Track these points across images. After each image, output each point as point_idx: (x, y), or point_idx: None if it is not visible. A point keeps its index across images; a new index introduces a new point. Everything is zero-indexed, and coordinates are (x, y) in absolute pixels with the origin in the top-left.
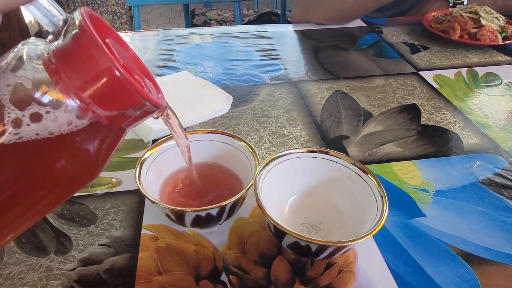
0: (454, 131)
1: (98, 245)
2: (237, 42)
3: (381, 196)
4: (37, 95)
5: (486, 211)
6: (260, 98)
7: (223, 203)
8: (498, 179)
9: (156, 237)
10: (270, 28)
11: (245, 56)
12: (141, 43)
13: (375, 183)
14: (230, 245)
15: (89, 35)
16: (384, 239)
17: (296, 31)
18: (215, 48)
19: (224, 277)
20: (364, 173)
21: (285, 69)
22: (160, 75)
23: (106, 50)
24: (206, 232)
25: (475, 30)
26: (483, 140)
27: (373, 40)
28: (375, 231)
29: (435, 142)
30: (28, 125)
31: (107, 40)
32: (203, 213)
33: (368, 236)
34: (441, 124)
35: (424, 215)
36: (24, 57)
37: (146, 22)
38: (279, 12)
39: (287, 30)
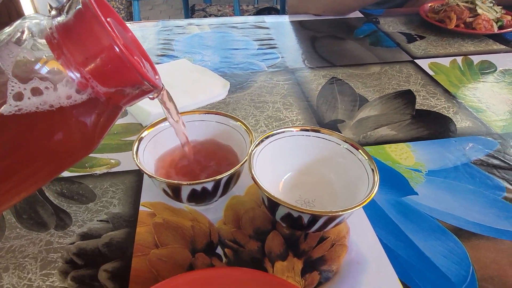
0: (448, 115)
1: (97, 221)
2: (235, 32)
3: (372, 169)
4: (39, 68)
5: (477, 190)
6: (257, 85)
7: (218, 177)
8: (489, 160)
9: (153, 214)
10: (268, 19)
11: (243, 45)
12: (140, 33)
13: (366, 158)
14: (225, 221)
15: (92, 12)
16: (376, 215)
17: (294, 21)
18: (214, 38)
19: (219, 250)
20: (356, 149)
21: (282, 57)
22: (159, 64)
23: (109, 28)
24: (203, 209)
25: (471, 19)
26: (476, 124)
27: (370, 30)
28: (366, 202)
29: (429, 126)
30: (29, 98)
31: (108, 19)
32: (198, 187)
33: (358, 207)
34: (435, 109)
35: (416, 193)
36: (26, 31)
37: (146, 20)
38: (279, 7)
39: (285, 21)
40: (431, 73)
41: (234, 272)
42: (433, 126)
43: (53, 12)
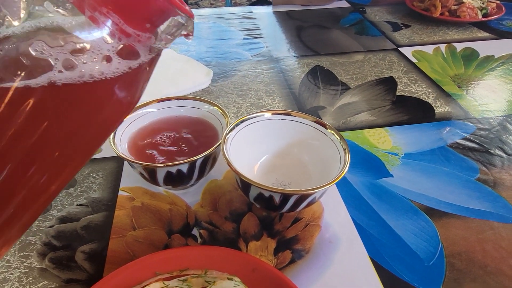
0: (428, 100)
1: (77, 205)
2: (222, 23)
3: (344, 149)
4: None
5: (452, 171)
6: (241, 74)
7: (194, 158)
8: (465, 143)
9: (132, 198)
10: (255, 10)
11: (229, 35)
12: None
13: (338, 138)
14: (203, 203)
15: None
16: (351, 197)
17: (281, 12)
18: (200, 29)
19: (195, 232)
20: (324, 127)
21: (267, 47)
22: None
23: None
24: (181, 192)
25: (456, 7)
26: (455, 109)
27: (356, 19)
28: (335, 181)
29: (408, 111)
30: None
31: None
32: (173, 169)
33: (328, 185)
34: (415, 95)
35: (391, 175)
36: None
37: None
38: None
39: (272, 11)
40: (414, 60)
41: (206, 250)
42: (413, 111)
43: None
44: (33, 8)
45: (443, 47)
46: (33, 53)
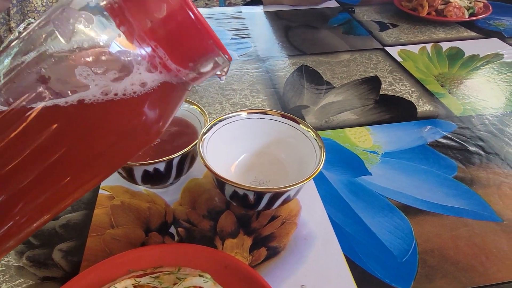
0: (410, 100)
1: None
2: (210, 23)
3: (320, 147)
4: (99, 41)
5: (430, 169)
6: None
7: (171, 157)
8: (445, 141)
9: (112, 196)
10: (244, 10)
11: (217, 35)
12: None
13: (314, 135)
14: (181, 202)
15: None
16: (328, 195)
17: (270, 12)
18: None
19: (173, 230)
20: (296, 123)
21: (254, 47)
22: None
23: None
24: (161, 191)
25: (442, 6)
26: (437, 108)
27: (345, 19)
28: (309, 179)
29: (391, 110)
30: (95, 84)
31: None
32: (150, 168)
33: (302, 183)
34: (399, 94)
35: (370, 174)
36: None
37: None
38: None
39: (262, 11)
40: (399, 60)
41: (180, 248)
42: (395, 110)
43: None
44: (81, 27)
45: (429, 46)
46: (77, 77)
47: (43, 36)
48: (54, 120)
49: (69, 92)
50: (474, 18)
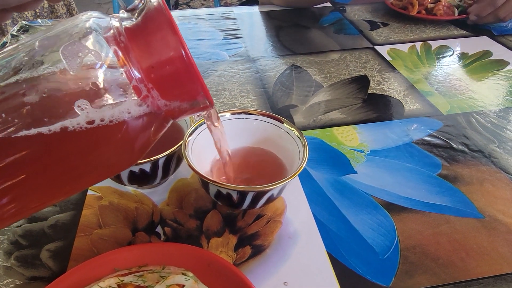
0: (398, 98)
1: None
2: (202, 24)
3: (303, 145)
4: (101, 76)
5: (414, 167)
6: (217, 74)
7: (156, 157)
8: (430, 139)
9: (100, 197)
10: (236, 10)
11: (208, 36)
12: None
13: (297, 134)
14: (169, 202)
15: (166, 18)
16: (313, 193)
17: (261, 12)
18: (180, 30)
19: (159, 229)
20: (280, 122)
21: (245, 47)
22: None
23: (181, 36)
24: (149, 191)
25: (432, 5)
26: (424, 106)
27: (336, 18)
28: (291, 178)
29: (378, 109)
30: (87, 112)
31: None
32: (136, 169)
33: (283, 182)
34: (387, 93)
35: (355, 172)
36: (92, 31)
37: None
38: None
39: (253, 11)
40: (388, 58)
41: (165, 246)
42: (382, 109)
43: (122, 14)
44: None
45: (418, 45)
46: (76, 109)
47: (42, 60)
48: (38, 145)
49: (55, 120)
50: (464, 16)
